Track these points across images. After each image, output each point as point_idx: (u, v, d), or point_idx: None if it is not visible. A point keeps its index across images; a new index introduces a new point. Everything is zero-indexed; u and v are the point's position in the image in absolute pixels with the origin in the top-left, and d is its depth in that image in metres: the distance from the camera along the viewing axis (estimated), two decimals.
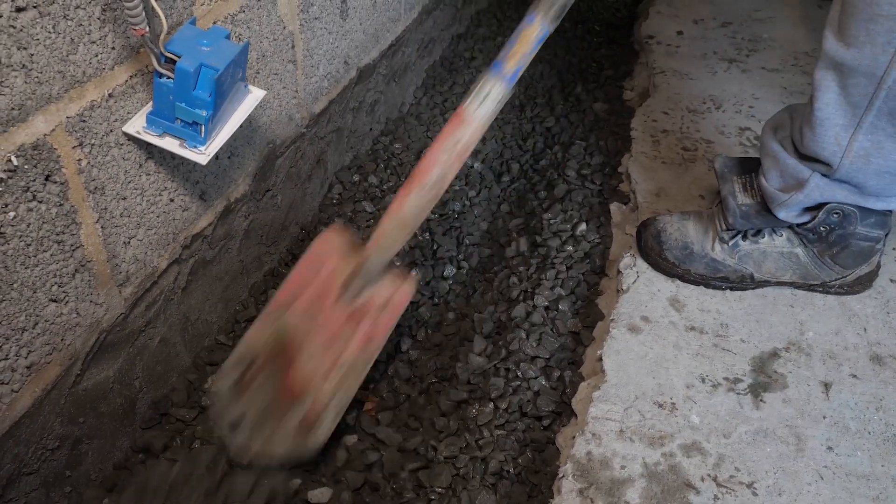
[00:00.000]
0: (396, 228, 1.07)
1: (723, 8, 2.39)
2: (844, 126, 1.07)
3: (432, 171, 1.04)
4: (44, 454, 0.94)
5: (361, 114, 1.70)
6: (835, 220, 1.17)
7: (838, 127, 1.07)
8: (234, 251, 1.28)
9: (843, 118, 1.07)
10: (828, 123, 1.08)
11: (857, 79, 1.02)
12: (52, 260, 0.86)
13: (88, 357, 0.97)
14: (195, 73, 0.87)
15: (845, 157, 1.09)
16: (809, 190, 1.14)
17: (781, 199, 1.17)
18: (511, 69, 1.03)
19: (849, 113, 1.06)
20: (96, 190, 0.90)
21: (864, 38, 0.99)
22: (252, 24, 1.14)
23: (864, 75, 1.02)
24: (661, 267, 1.30)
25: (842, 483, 0.99)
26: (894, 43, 0.97)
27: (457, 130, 1.04)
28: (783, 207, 1.17)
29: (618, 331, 1.20)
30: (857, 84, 1.03)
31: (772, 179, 1.18)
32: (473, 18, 2.46)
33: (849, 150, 1.08)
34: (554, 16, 1.04)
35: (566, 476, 0.99)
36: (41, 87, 0.79)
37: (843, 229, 1.17)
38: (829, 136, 1.08)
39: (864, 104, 1.04)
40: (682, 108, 1.82)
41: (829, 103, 1.07)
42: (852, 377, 1.13)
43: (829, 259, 1.21)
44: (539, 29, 1.03)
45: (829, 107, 1.07)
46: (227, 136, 0.97)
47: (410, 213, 1.06)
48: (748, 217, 1.22)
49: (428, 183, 1.05)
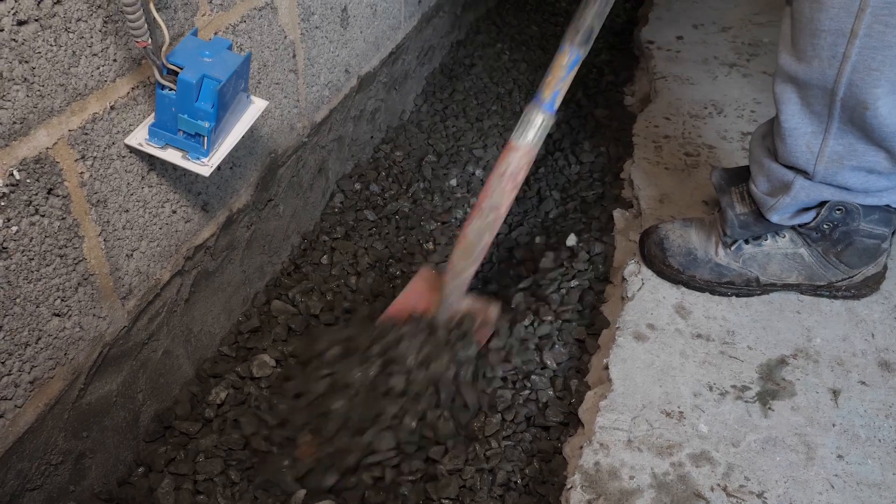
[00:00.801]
0: (463, 254, 1.20)
1: (722, 13, 2.39)
2: (814, 133, 1.09)
3: (488, 199, 1.16)
4: (47, 469, 0.93)
5: (362, 122, 1.70)
6: (837, 216, 1.16)
7: (808, 135, 1.09)
8: (237, 262, 1.27)
9: (811, 126, 1.09)
10: (796, 133, 1.10)
11: (812, 90, 1.05)
12: (54, 274, 0.86)
13: (92, 371, 0.96)
14: (197, 84, 0.86)
15: (819, 163, 1.11)
16: (795, 192, 1.14)
17: (770, 203, 1.18)
18: (548, 96, 1.13)
19: (814, 121, 1.08)
20: (99, 203, 0.90)
21: (811, 52, 1.01)
22: (253, 34, 1.14)
23: (817, 87, 1.04)
24: (665, 274, 1.30)
25: (853, 492, 0.98)
26: (839, 56, 0.99)
27: (506, 158, 1.15)
28: (773, 211, 1.18)
29: (623, 339, 1.19)
30: (815, 95, 1.05)
31: (760, 185, 1.19)
32: (473, 25, 2.46)
33: (821, 155, 1.10)
34: (581, 40, 1.12)
35: (574, 487, 0.98)
36: (43, 100, 0.78)
37: (847, 226, 1.17)
38: (800, 145, 1.10)
39: (826, 113, 1.06)
40: (683, 114, 1.81)
41: (794, 114, 1.09)
42: (861, 384, 1.12)
43: (834, 258, 1.21)
44: (569, 55, 1.13)
45: (794, 117, 1.09)
46: (229, 147, 0.96)
47: (473, 238, 1.18)
48: (746, 226, 1.23)
49: (485, 209, 1.16)
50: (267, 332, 1.29)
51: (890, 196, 1.15)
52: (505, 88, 2.15)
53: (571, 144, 1.90)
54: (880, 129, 1.03)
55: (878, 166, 1.09)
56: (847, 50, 0.98)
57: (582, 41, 1.12)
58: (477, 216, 1.17)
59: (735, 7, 2.43)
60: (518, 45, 2.39)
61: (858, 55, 0.98)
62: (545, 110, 1.13)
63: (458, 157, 1.85)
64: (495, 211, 1.16)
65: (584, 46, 1.13)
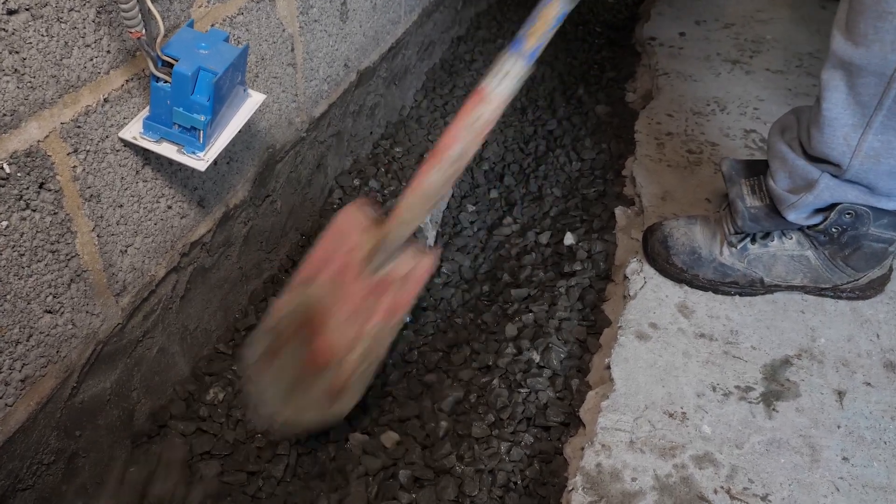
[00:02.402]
0: (417, 202, 1.09)
1: (725, 9, 2.37)
2: (854, 126, 1.05)
3: (453, 147, 1.06)
4: (39, 469, 0.91)
5: (361, 117, 1.68)
6: (847, 220, 1.14)
7: (847, 127, 1.05)
8: (234, 258, 1.25)
9: (853, 118, 1.05)
10: (836, 123, 1.06)
11: (866, 78, 1.01)
12: (46, 270, 0.84)
13: (85, 369, 0.95)
14: (193, 76, 0.84)
15: (855, 158, 1.07)
16: (819, 191, 1.11)
17: (791, 200, 1.14)
18: (530, 47, 1.04)
19: (858, 113, 1.04)
20: (92, 198, 0.88)
21: (872, 35, 0.97)
22: (251, 26, 1.12)
23: (873, 74, 1.00)
24: (668, 272, 1.28)
25: (858, 495, 0.96)
26: None
27: (477, 107, 1.05)
28: (793, 209, 1.15)
29: (625, 338, 1.17)
30: (867, 83, 1.01)
31: (780, 181, 1.16)
32: (473, 21, 2.44)
33: (858, 150, 1.06)
34: None
35: (575, 489, 0.97)
36: (34, 92, 0.76)
37: (856, 230, 1.15)
38: (837, 137, 1.06)
39: (874, 104, 1.02)
40: (686, 111, 1.80)
41: (838, 103, 1.05)
42: (866, 385, 1.11)
43: (840, 261, 1.19)
44: (559, 6, 1.04)
45: (837, 107, 1.05)
46: (226, 141, 0.94)
47: (431, 187, 1.08)
48: (757, 220, 1.20)
49: (448, 159, 1.06)
50: None
51: None
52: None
53: (573, 141, 1.88)
54: None
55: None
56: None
57: None
58: (436, 166, 1.06)
59: (738, 4, 2.41)
60: None
61: None
62: (526, 60, 1.05)
63: None
64: (458, 162, 1.07)
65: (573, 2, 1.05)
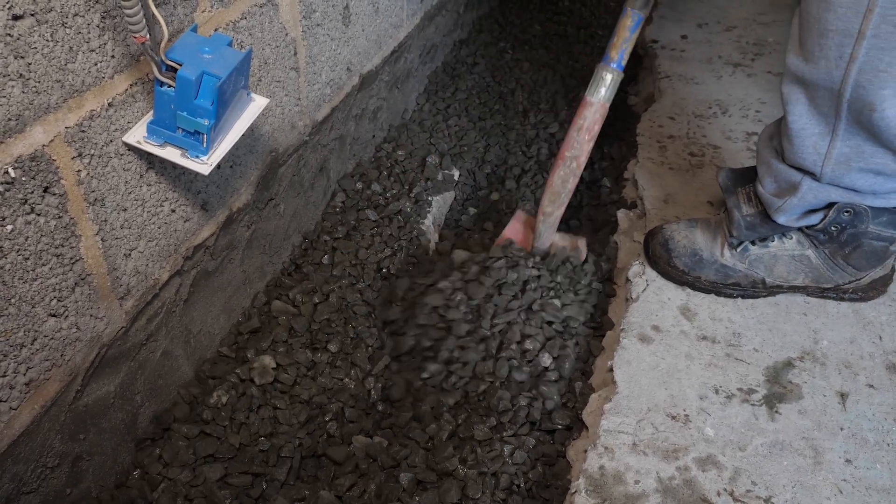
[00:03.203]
0: (551, 200, 1.38)
1: (727, 12, 2.38)
2: (821, 134, 1.08)
3: (569, 150, 1.34)
4: (43, 472, 0.92)
5: (364, 121, 1.68)
6: (846, 218, 1.15)
7: (815, 136, 1.08)
8: (237, 261, 1.26)
9: (818, 127, 1.08)
10: (804, 134, 1.09)
11: (819, 91, 1.04)
12: (51, 274, 0.84)
13: (89, 372, 0.95)
14: (197, 81, 0.85)
15: (826, 165, 1.09)
16: (803, 193, 1.13)
17: (777, 204, 1.16)
18: (616, 56, 1.29)
19: (822, 122, 1.07)
20: (96, 201, 0.88)
21: (818, 53, 1.00)
22: (254, 30, 1.13)
23: (824, 88, 1.03)
24: (670, 275, 1.28)
25: (862, 497, 0.96)
26: (846, 57, 0.98)
27: (582, 113, 1.32)
28: (781, 212, 1.17)
29: (628, 341, 1.17)
30: (822, 96, 1.04)
31: (767, 185, 1.18)
32: (475, 24, 2.45)
33: (828, 157, 1.09)
34: (642, 3, 1.28)
35: (579, 491, 0.97)
36: (39, 96, 0.77)
37: (855, 228, 1.15)
38: (807, 146, 1.09)
39: (833, 114, 1.05)
40: (687, 113, 1.80)
41: (802, 115, 1.08)
42: (869, 387, 1.11)
43: (841, 260, 1.19)
44: (632, 18, 1.28)
45: (802, 118, 1.08)
46: (229, 145, 0.95)
47: (558, 185, 1.36)
48: (753, 227, 1.21)
49: (567, 159, 1.34)
50: (267, 333, 1.28)
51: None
52: (507, 87, 2.14)
53: None
54: (888, 131, 1.01)
55: (885, 168, 1.08)
56: (854, 51, 0.97)
57: (643, 4, 1.28)
58: (560, 166, 1.34)
59: (740, 6, 2.41)
60: (521, 44, 2.38)
61: (866, 56, 0.96)
62: (614, 68, 1.28)
63: (460, 157, 1.83)
64: (576, 160, 1.34)
65: (645, 9, 1.28)
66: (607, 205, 1.62)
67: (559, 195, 1.37)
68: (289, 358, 1.23)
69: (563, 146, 1.34)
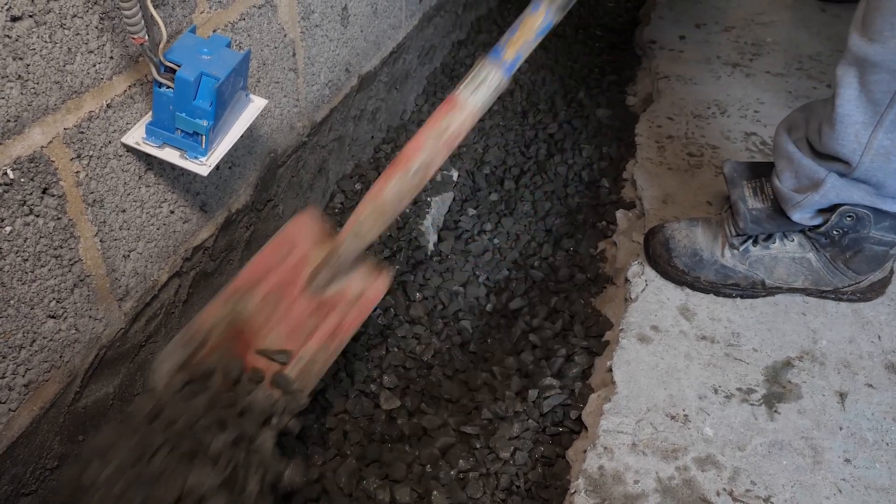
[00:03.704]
0: (374, 215, 1.00)
1: (725, 12, 2.38)
2: (865, 123, 1.05)
3: (417, 156, 0.98)
4: (42, 474, 0.91)
5: (363, 122, 1.68)
6: (848, 223, 1.15)
7: (858, 124, 1.05)
8: (236, 263, 1.26)
9: (864, 115, 1.04)
10: (848, 120, 1.05)
11: (879, 75, 1.00)
12: (49, 275, 0.84)
13: (88, 374, 0.95)
14: (195, 82, 0.85)
15: (865, 155, 1.07)
16: (825, 190, 1.11)
17: (796, 199, 1.14)
18: (510, 57, 0.98)
19: (870, 110, 1.04)
20: (95, 203, 0.88)
21: (888, 32, 0.97)
22: (253, 31, 1.13)
23: (886, 71, 1.00)
24: (670, 275, 1.28)
25: (861, 496, 0.96)
26: None
27: (447, 115, 0.98)
28: (798, 209, 1.15)
29: (627, 341, 1.17)
30: (880, 80, 1.01)
31: (786, 180, 1.16)
32: (474, 25, 2.45)
33: (868, 148, 1.06)
34: (560, 5, 0.99)
35: (578, 491, 0.97)
36: (38, 98, 0.77)
37: (857, 233, 1.15)
38: (849, 134, 1.06)
39: (886, 101, 1.02)
40: (686, 114, 1.80)
41: (850, 100, 1.04)
42: (868, 387, 1.11)
43: (841, 264, 1.19)
44: (543, 17, 0.98)
45: (849, 103, 1.05)
46: (228, 146, 0.95)
47: (390, 199, 0.99)
48: (759, 221, 1.20)
49: (411, 169, 0.98)
50: None
51: None
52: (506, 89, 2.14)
53: (573, 145, 1.88)
54: None
55: None
56: None
57: (560, 7, 1.00)
58: (399, 174, 0.98)
59: (738, 7, 2.42)
60: None
61: None
62: (505, 71, 0.99)
63: (458, 158, 1.83)
64: (423, 171, 0.99)
65: (560, 13, 1.00)
66: (606, 205, 1.62)
67: (385, 213, 0.99)
68: None
69: (410, 149, 0.99)
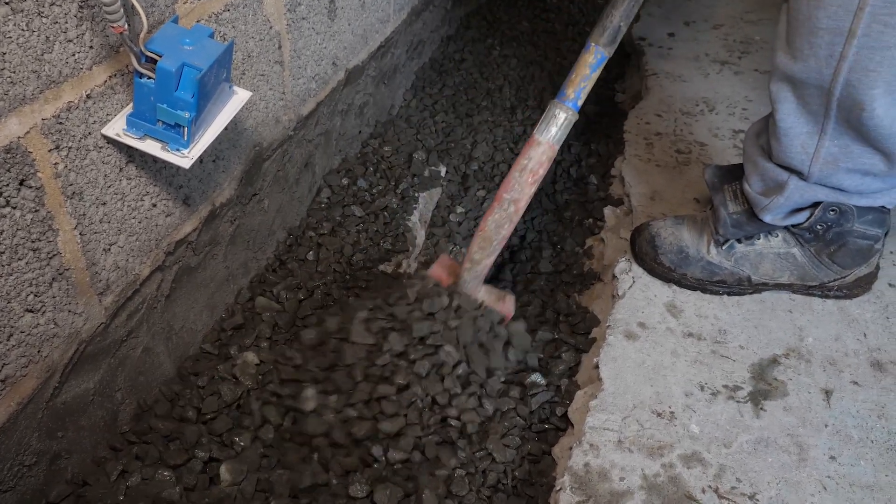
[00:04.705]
0: (481, 246, 1.21)
1: (714, 10, 2.38)
2: (809, 133, 1.07)
3: (508, 192, 1.18)
4: (20, 471, 0.90)
5: (350, 116, 1.67)
6: (831, 217, 1.15)
7: (804, 135, 1.08)
8: (220, 257, 1.24)
9: (806, 126, 1.07)
10: (792, 133, 1.08)
11: (809, 90, 1.03)
12: (27, 268, 0.82)
13: (67, 369, 0.93)
14: (177, 72, 0.83)
15: (814, 164, 1.09)
16: (789, 192, 1.13)
17: (763, 203, 1.16)
18: (572, 94, 1.16)
19: (811, 121, 1.07)
20: (74, 195, 0.87)
21: (807, 51, 1.00)
22: (237, 23, 1.11)
23: (814, 87, 1.02)
24: (656, 272, 1.28)
25: (846, 494, 0.96)
26: (836, 55, 0.97)
27: (527, 153, 1.16)
28: (767, 211, 1.17)
29: (614, 338, 1.17)
30: (811, 94, 1.04)
31: (753, 184, 1.18)
32: (463, 20, 2.44)
33: (816, 156, 1.08)
34: (607, 40, 1.14)
35: (563, 489, 0.96)
36: (14, 87, 0.75)
37: (840, 227, 1.16)
38: (795, 145, 1.09)
39: (822, 112, 1.05)
40: (675, 111, 1.80)
41: (790, 113, 1.07)
42: (853, 384, 1.11)
43: (826, 258, 1.19)
44: (594, 55, 1.14)
45: (790, 117, 1.07)
46: (211, 138, 0.93)
47: (491, 230, 1.19)
48: (739, 225, 1.21)
49: (504, 202, 1.18)
50: (251, 330, 1.27)
51: (884, 197, 1.14)
52: (495, 84, 2.13)
53: None
54: (876, 131, 1.01)
55: (873, 168, 1.08)
56: (844, 49, 0.96)
57: (608, 41, 1.14)
58: (496, 208, 1.18)
59: (727, 4, 2.42)
60: (509, 40, 2.37)
61: (856, 55, 0.96)
62: (568, 107, 1.15)
63: (447, 153, 1.82)
64: (514, 204, 1.17)
65: (610, 47, 1.14)
66: (594, 201, 1.61)
67: (491, 242, 1.20)
68: (272, 354, 1.22)
69: (502, 187, 1.18)
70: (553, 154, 1.17)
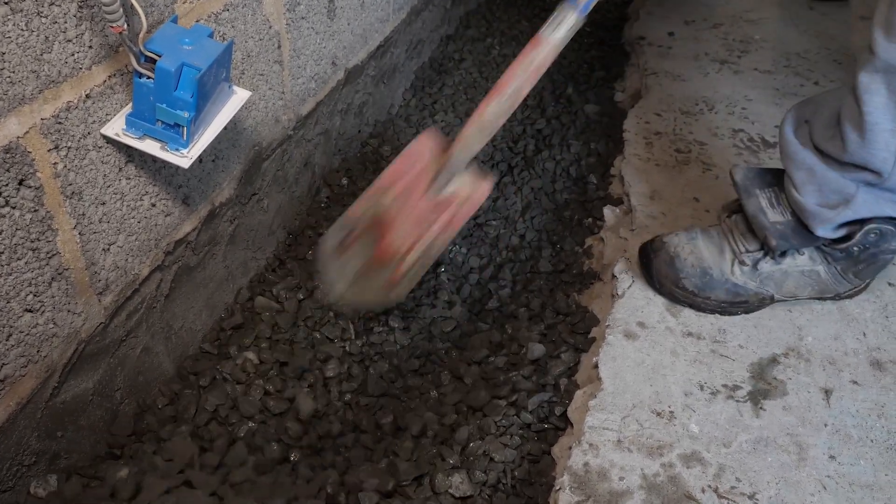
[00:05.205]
0: (477, 131, 1.20)
1: (714, 9, 2.38)
2: (893, 131, 0.99)
3: (510, 84, 1.16)
4: (20, 471, 0.90)
5: (349, 116, 1.67)
6: (872, 239, 1.10)
7: (887, 132, 0.99)
8: (220, 257, 1.24)
9: (893, 123, 0.99)
10: (877, 129, 0.99)
11: None
12: (26, 268, 0.82)
13: (66, 369, 0.93)
14: (176, 72, 0.83)
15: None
16: (857, 206, 1.06)
17: (826, 216, 1.08)
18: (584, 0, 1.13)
19: None
20: (73, 195, 0.87)
21: None
22: (237, 22, 1.11)
23: None
24: (677, 296, 1.21)
25: (845, 493, 0.96)
26: None
27: (532, 51, 1.15)
28: (829, 223, 1.09)
29: (613, 337, 1.17)
30: None
31: (808, 195, 1.09)
32: (462, 20, 2.44)
33: None
34: None
35: (563, 488, 0.96)
36: (14, 87, 0.75)
37: (877, 248, 1.12)
38: (878, 142, 1.00)
39: None
40: (674, 110, 1.80)
41: (878, 107, 0.98)
42: (853, 383, 1.11)
43: (851, 275, 1.17)
44: None
45: (878, 111, 0.99)
46: (210, 138, 0.93)
47: (489, 119, 1.19)
48: (786, 237, 1.13)
49: (506, 94, 1.16)
50: (250, 329, 1.27)
51: None
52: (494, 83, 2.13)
53: (561, 140, 1.88)
54: None
55: None
56: None
57: None
58: (496, 97, 1.17)
59: (726, 4, 2.42)
60: (508, 40, 2.37)
61: None
62: (579, 12, 1.12)
63: None
64: (516, 95, 1.17)
65: None
66: (594, 201, 1.61)
67: (487, 128, 1.19)
68: (272, 354, 1.22)
69: (505, 78, 1.16)
70: (555, 56, 1.16)
